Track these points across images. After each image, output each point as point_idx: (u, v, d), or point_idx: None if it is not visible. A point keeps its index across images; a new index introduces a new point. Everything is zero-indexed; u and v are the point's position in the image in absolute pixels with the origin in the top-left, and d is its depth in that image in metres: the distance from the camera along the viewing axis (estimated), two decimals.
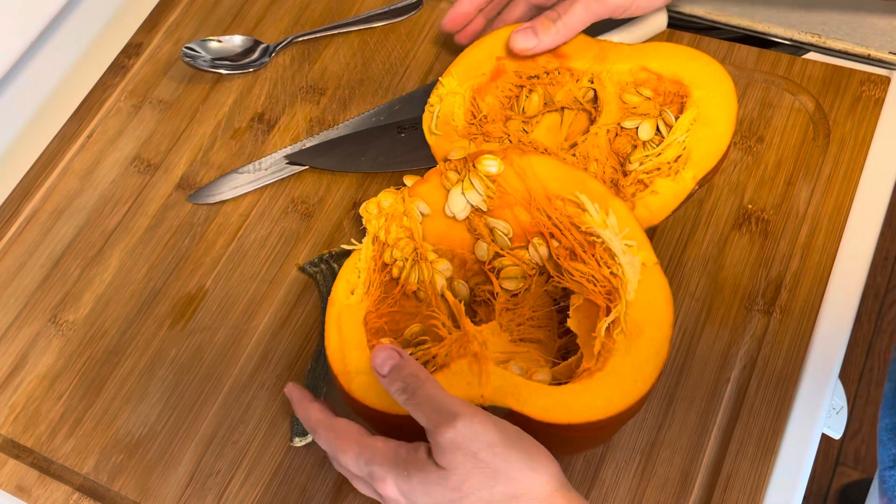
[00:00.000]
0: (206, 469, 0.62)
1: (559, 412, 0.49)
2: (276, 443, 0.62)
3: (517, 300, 0.59)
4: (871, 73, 0.69)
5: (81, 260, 0.72)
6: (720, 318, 0.62)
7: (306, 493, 0.60)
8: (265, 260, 0.69)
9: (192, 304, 0.68)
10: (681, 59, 0.63)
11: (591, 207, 0.55)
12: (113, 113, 0.80)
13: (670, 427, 0.58)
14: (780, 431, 0.58)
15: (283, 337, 0.66)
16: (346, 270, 0.57)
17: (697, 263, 0.64)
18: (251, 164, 0.74)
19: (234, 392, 0.64)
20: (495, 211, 0.60)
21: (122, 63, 0.83)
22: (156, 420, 0.64)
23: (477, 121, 0.67)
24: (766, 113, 0.69)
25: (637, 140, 0.63)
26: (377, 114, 0.74)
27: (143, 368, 0.66)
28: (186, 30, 0.83)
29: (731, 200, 0.66)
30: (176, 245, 0.71)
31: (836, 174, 0.65)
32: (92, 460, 0.63)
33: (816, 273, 0.62)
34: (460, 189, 0.59)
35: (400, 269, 0.58)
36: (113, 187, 0.75)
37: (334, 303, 0.56)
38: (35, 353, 0.68)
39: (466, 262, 0.61)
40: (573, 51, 0.66)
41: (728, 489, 0.56)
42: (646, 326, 0.51)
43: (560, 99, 0.66)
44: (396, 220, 0.59)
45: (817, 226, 0.64)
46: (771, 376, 0.59)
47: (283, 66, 0.79)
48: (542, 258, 0.58)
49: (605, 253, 0.54)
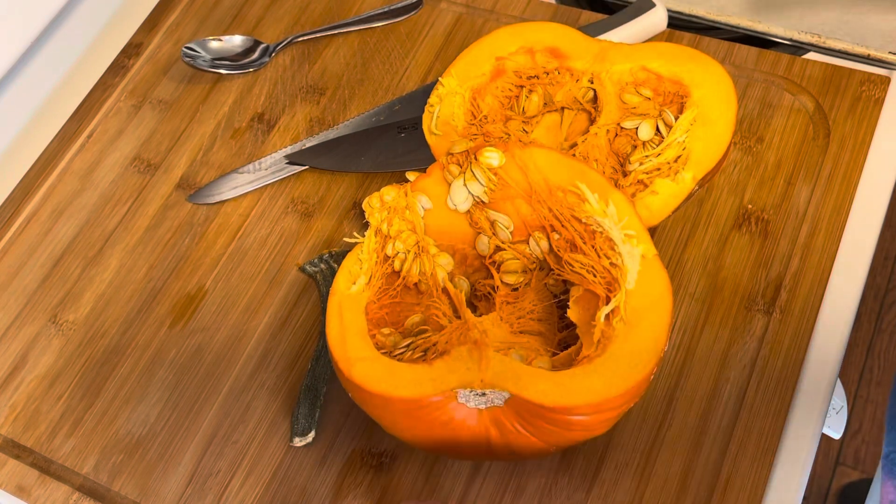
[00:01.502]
0: (206, 469, 0.62)
1: (558, 395, 0.49)
2: (276, 443, 0.62)
3: (517, 294, 0.59)
4: (871, 73, 0.69)
5: (81, 260, 0.72)
6: (720, 318, 0.62)
7: (306, 493, 0.60)
8: (265, 260, 0.69)
9: (192, 304, 0.68)
10: (681, 58, 0.63)
11: (591, 197, 0.55)
12: (113, 113, 0.80)
13: (670, 427, 0.59)
14: (780, 431, 0.58)
15: (283, 337, 0.66)
16: (348, 262, 0.58)
17: (697, 263, 0.64)
18: (251, 164, 0.74)
19: (234, 392, 0.64)
20: (496, 204, 0.60)
21: (122, 63, 0.83)
22: (156, 420, 0.64)
23: (477, 121, 0.67)
24: (766, 113, 0.69)
25: (637, 140, 0.63)
26: (377, 114, 0.74)
27: (142, 368, 0.66)
28: (186, 30, 0.83)
29: (731, 200, 0.66)
30: (176, 245, 0.71)
31: (836, 174, 0.65)
32: (92, 460, 0.63)
33: (816, 273, 0.62)
34: (462, 181, 0.59)
35: (401, 262, 0.59)
36: (113, 187, 0.75)
37: (336, 293, 0.56)
38: (35, 353, 0.68)
39: (467, 258, 0.61)
40: (573, 51, 0.66)
41: (728, 489, 0.56)
42: (645, 315, 0.52)
43: (560, 99, 0.66)
44: (399, 214, 0.59)
45: (817, 226, 0.64)
46: (771, 376, 0.59)
47: (283, 66, 0.79)
48: (543, 252, 0.59)
49: (605, 243, 0.55)
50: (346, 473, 0.60)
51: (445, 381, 0.50)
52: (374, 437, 0.61)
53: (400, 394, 0.50)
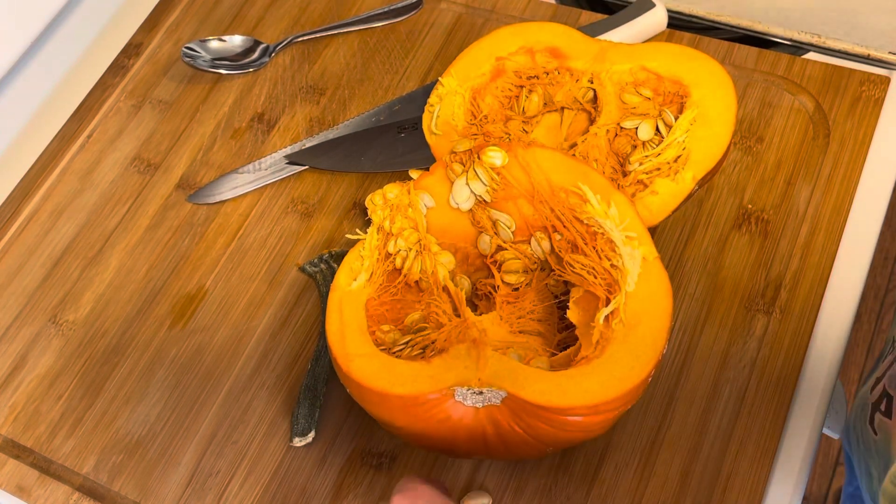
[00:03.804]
0: (206, 469, 0.62)
1: (555, 395, 0.49)
2: (276, 443, 0.62)
3: (518, 294, 0.59)
4: (870, 73, 0.69)
5: (81, 260, 0.72)
6: (720, 318, 0.62)
7: (306, 493, 0.60)
8: (265, 260, 0.69)
9: (192, 304, 0.68)
10: (681, 59, 0.63)
11: (593, 198, 0.55)
12: (113, 113, 0.80)
13: (670, 427, 0.59)
14: (780, 431, 0.58)
15: (283, 337, 0.66)
16: (349, 259, 0.58)
17: (697, 263, 0.64)
18: (251, 164, 0.74)
19: (234, 392, 0.64)
20: (499, 204, 0.60)
21: (122, 63, 0.83)
22: (156, 420, 0.64)
23: (477, 121, 0.67)
24: (765, 113, 0.69)
25: (637, 140, 0.63)
26: (377, 114, 0.74)
27: (142, 368, 0.66)
28: (186, 30, 0.83)
29: (731, 200, 0.66)
30: (176, 245, 0.71)
31: (836, 174, 0.65)
32: (92, 460, 0.63)
33: (816, 273, 0.62)
34: (465, 179, 0.59)
35: (403, 259, 0.59)
36: (113, 187, 0.75)
37: (336, 289, 0.57)
38: (35, 353, 0.68)
39: (469, 257, 0.61)
40: (573, 51, 0.66)
41: (728, 489, 0.56)
42: (644, 317, 0.52)
43: (560, 99, 0.66)
44: (401, 212, 0.59)
45: (817, 226, 0.64)
46: (771, 376, 0.59)
47: (283, 66, 0.79)
48: (545, 252, 0.59)
49: (606, 245, 0.55)
50: (346, 473, 0.60)
51: (443, 378, 0.50)
52: (374, 437, 0.61)
53: (397, 391, 0.50)
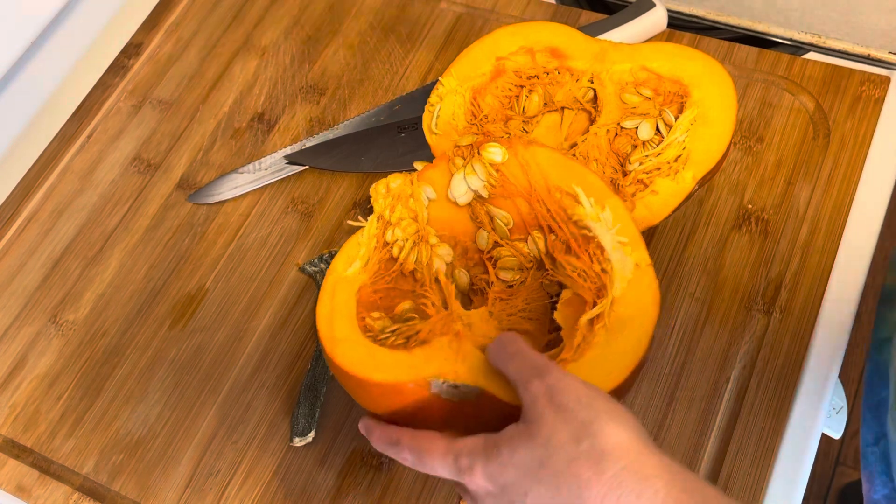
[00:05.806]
0: (206, 469, 0.62)
1: None
2: (276, 443, 0.62)
3: (512, 291, 0.59)
4: (870, 73, 0.69)
5: (81, 260, 0.72)
6: (720, 318, 0.62)
7: (306, 493, 0.60)
8: (265, 260, 0.69)
9: (192, 304, 0.68)
10: (681, 58, 0.63)
11: (586, 200, 0.55)
12: (113, 113, 0.80)
13: (670, 427, 0.58)
14: (780, 431, 0.58)
15: (283, 337, 0.66)
16: (348, 245, 0.58)
17: (697, 263, 0.64)
18: (251, 164, 0.74)
19: (234, 392, 0.64)
20: (498, 201, 0.60)
21: (122, 63, 0.83)
22: (156, 420, 0.64)
23: (477, 121, 0.67)
24: (766, 113, 0.69)
25: (637, 140, 0.63)
26: (377, 114, 0.74)
27: (142, 368, 0.66)
28: (186, 30, 0.83)
29: (731, 200, 0.66)
30: (176, 245, 0.71)
31: (836, 174, 0.65)
32: (92, 460, 0.63)
33: (816, 273, 0.62)
34: (462, 174, 0.59)
35: (400, 249, 0.59)
36: (113, 187, 0.75)
37: (332, 273, 0.57)
38: (35, 353, 0.68)
39: (468, 251, 0.61)
40: (573, 51, 0.66)
41: (728, 489, 0.56)
42: (629, 324, 0.51)
43: (560, 99, 0.66)
44: (402, 202, 0.60)
45: (817, 226, 0.64)
46: (771, 376, 0.59)
47: (283, 66, 0.79)
48: (541, 251, 0.59)
49: (597, 249, 0.54)
50: (346, 473, 0.60)
51: (422, 369, 0.50)
52: None
53: (376, 378, 0.50)
